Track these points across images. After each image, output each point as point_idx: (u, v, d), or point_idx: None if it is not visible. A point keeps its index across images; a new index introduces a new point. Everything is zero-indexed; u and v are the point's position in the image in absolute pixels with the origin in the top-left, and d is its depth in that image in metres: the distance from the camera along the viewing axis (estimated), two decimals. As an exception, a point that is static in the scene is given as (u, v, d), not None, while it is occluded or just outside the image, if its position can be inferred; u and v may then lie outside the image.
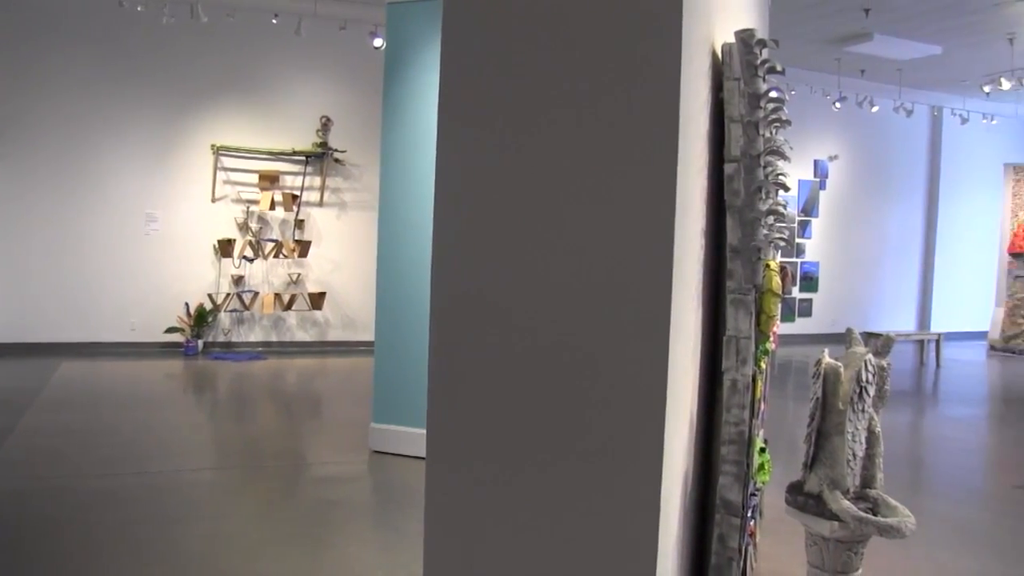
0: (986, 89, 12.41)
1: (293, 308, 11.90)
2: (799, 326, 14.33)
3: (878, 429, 3.04)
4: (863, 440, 2.98)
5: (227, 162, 11.66)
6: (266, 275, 11.88)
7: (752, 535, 3.57)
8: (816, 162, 14.64)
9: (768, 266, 2.84)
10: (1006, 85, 11.75)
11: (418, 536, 2.07)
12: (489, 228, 2.04)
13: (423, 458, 2.10)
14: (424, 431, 2.13)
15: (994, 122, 15.09)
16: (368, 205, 11.83)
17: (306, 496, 5.61)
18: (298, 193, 11.94)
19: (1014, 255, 14.71)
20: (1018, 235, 14.67)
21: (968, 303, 16.17)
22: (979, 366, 13.48)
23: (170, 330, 11.36)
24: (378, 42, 10.79)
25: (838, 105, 13.16)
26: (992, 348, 14.78)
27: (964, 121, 14.39)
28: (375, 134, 8.12)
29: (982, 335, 15.69)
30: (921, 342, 13.18)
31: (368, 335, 10.32)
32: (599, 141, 1.97)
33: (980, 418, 9.60)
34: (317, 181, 12.11)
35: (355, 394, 8.74)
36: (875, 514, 2.95)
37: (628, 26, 1.95)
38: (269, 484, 5.83)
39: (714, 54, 2.77)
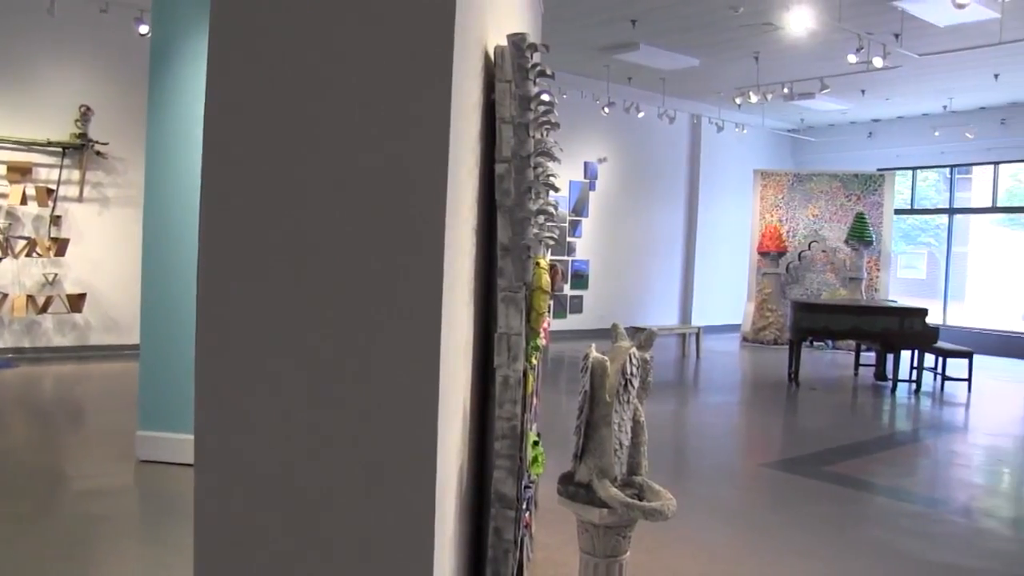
0: (737, 101, 13.41)
1: (49, 311, 11.03)
2: (571, 322, 14.87)
3: (642, 419, 3.20)
4: (629, 430, 3.13)
5: (-32, 151, 10.66)
6: (17, 275, 10.94)
7: (528, 526, 3.66)
8: (586, 164, 15.24)
9: (538, 264, 2.93)
10: (754, 98, 12.77)
11: (191, 548, 1.98)
12: (258, 225, 1.98)
13: (193, 465, 2.01)
14: (193, 437, 2.03)
15: (744, 131, 16.32)
16: (132, 201, 11.15)
17: (67, 513, 5.20)
18: (54, 187, 11.07)
19: (763, 254, 15.97)
20: (766, 236, 15.93)
21: (724, 298, 17.39)
22: (733, 356, 14.54)
23: (-100, 336, 10.24)
24: (144, 29, 10.20)
25: (607, 110, 13.76)
26: (744, 340, 15.97)
27: (720, 129, 15.48)
28: (140, 126, 7.66)
29: (736, 328, 16.91)
30: (683, 335, 14.04)
31: (133, 338, 9.73)
32: (370, 138, 1.96)
33: (733, 404, 10.35)
34: (76, 175, 11.28)
35: (120, 401, 8.21)
36: (641, 499, 3.11)
37: (401, 24, 1.95)
38: (23, 502, 5.36)
39: (487, 56, 2.82)
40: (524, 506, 3.25)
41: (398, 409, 1.93)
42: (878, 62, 10.05)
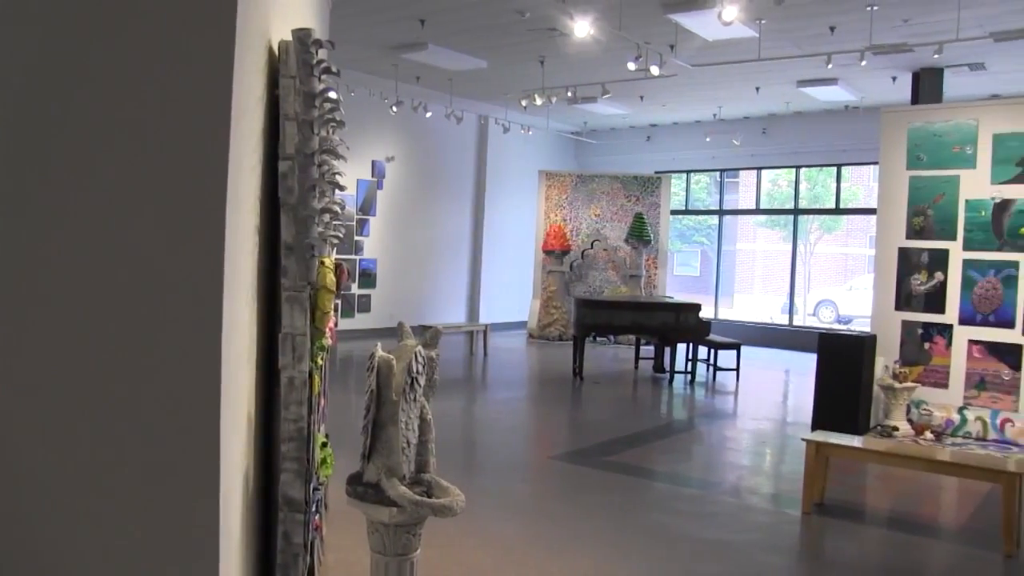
0: (523, 103, 13.74)
1: None
2: (359, 321, 14.74)
3: (429, 416, 3.23)
4: (416, 428, 3.15)
5: None
6: None
7: (318, 529, 3.61)
8: (374, 162, 15.15)
9: (323, 263, 2.89)
10: (539, 101, 13.14)
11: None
12: (14, 224, 1.84)
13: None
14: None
15: (530, 133, 16.75)
16: None
17: None
18: None
19: (547, 252, 16.44)
20: (550, 235, 16.42)
21: (510, 296, 17.77)
22: (520, 353, 14.90)
23: None
24: None
25: (395, 109, 13.73)
26: (531, 336, 16.40)
27: (506, 130, 15.81)
28: None
29: (523, 325, 17.33)
30: (470, 333, 14.23)
31: None
32: (146, 133, 1.87)
33: (521, 399, 10.62)
34: None
35: None
36: (430, 497, 3.13)
37: (180, 14, 1.87)
38: None
39: (271, 51, 2.75)
40: (314, 509, 3.20)
41: (177, 413, 1.85)
42: (655, 70, 10.59)
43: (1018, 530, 5.21)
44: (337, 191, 3.24)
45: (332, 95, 2.97)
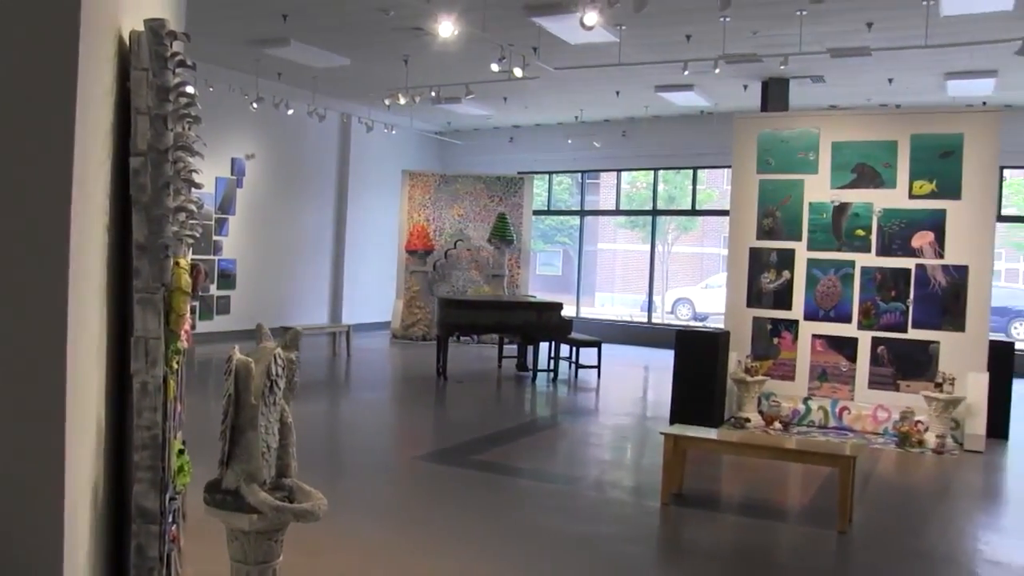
0: (387, 102, 13.62)
1: None
2: (218, 324, 14.29)
3: (290, 420, 3.17)
4: (276, 432, 3.08)
5: None
6: None
7: (175, 540, 3.48)
8: (234, 160, 14.72)
9: (178, 264, 2.79)
10: (403, 100, 13.04)
11: None
12: None
13: None
14: None
15: (394, 132, 16.62)
16: None
17: None
18: None
19: (411, 252, 16.37)
20: (414, 235, 16.36)
21: (374, 296, 17.60)
22: (383, 353, 14.79)
23: None
24: None
25: (255, 105, 13.37)
26: (394, 336, 16.29)
27: (369, 129, 15.63)
28: None
29: (386, 325, 17.17)
30: (333, 334, 14.02)
31: None
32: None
33: (385, 400, 10.55)
34: None
35: None
36: (291, 502, 3.07)
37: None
38: None
39: (121, 41, 2.63)
40: (170, 519, 3.09)
41: (18, 420, 1.75)
42: (518, 72, 10.69)
43: (851, 508, 5.58)
44: (193, 189, 3.14)
45: (189, 89, 2.87)
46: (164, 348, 2.70)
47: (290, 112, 14.08)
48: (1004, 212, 14.45)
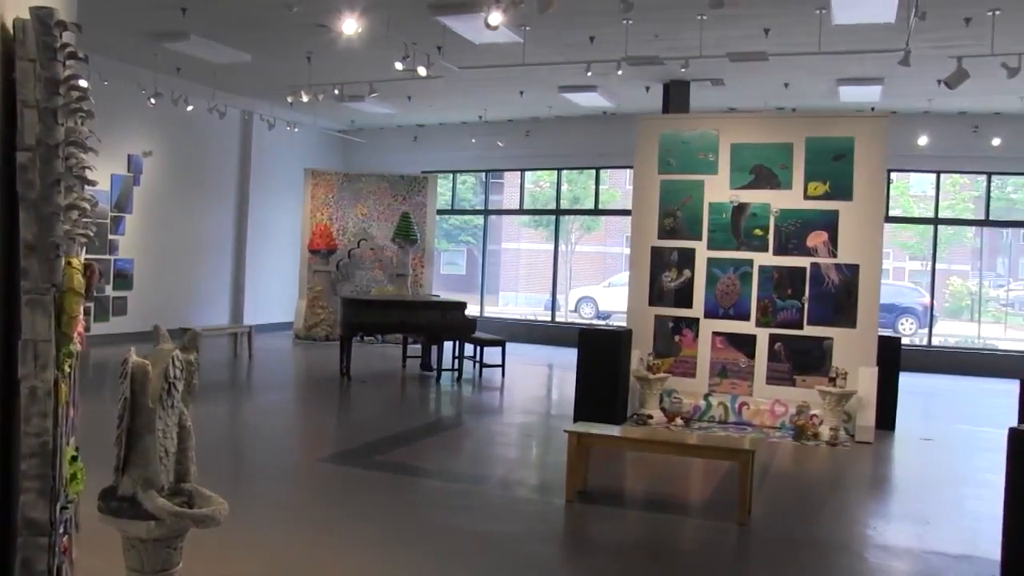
0: (289, 99, 13.40)
1: None
2: (114, 325, 13.83)
3: (189, 423, 3.09)
4: (174, 436, 3.00)
5: None
6: None
7: (67, 552, 3.35)
8: (130, 156, 14.26)
9: (70, 264, 2.69)
10: (306, 98, 12.84)
11: None
12: None
13: None
14: None
15: (296, 130, 16.36)
16: None
17: None
18: None
19: (314, 252, 16.15)
20: (316, 234, 16.14)
21: (276, 296, 17.29)
22: (286, 354, 14.55)
23: None
24: None
25: (153, 101, 12.97)
26: (297, 337, 16.05)
27: (271, 127, 15.32)
28: None
29: (289, 325, 16.90)
30: (235, 335, 13.72)
31: None
32: None
33: (287, 401, 10.39)
34: None
35: None
36: (191, 507, 3.00)
37: None
38: None
39: (5, 28, 2.53)
40: (62, 530, 2.98)
41: None
42: (422, 71, 10.64)
43: (750, 501, 5.74)
44: (87, 186, 3.03)
45: (82, 83, 2.76)
46: (55, 351, 2.61)
47: (189, 108, 13.70)
48: (891, 214, 15.08)
